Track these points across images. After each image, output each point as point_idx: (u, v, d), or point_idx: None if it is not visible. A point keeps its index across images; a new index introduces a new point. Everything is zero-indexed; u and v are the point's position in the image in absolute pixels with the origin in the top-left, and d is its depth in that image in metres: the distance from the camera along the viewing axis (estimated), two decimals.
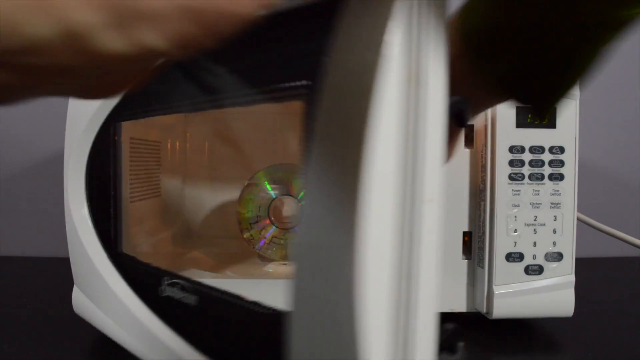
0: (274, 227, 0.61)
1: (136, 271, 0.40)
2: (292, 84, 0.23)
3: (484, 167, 0.47)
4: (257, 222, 0.60)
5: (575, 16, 0.24)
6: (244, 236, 0.60)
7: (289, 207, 0.61)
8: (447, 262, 0.48)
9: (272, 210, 0.61)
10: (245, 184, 0.61)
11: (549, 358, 0.44)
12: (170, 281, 0.35)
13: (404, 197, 0.19)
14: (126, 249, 0.48)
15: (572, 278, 0.46)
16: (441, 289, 0.48)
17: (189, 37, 0.15)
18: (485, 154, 0.46)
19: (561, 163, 0.46)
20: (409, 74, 0.19)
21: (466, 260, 0.48)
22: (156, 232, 0.62)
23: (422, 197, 0.19)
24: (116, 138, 0.42)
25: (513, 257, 0.46)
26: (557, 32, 0.25)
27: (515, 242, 0.46)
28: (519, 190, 0.46)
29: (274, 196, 0.61)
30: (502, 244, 0.46)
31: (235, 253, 0.64)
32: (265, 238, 0.60)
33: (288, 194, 0.61)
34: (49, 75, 0.15)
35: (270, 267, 0.58)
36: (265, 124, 0.73)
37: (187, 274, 0.51)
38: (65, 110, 0.43)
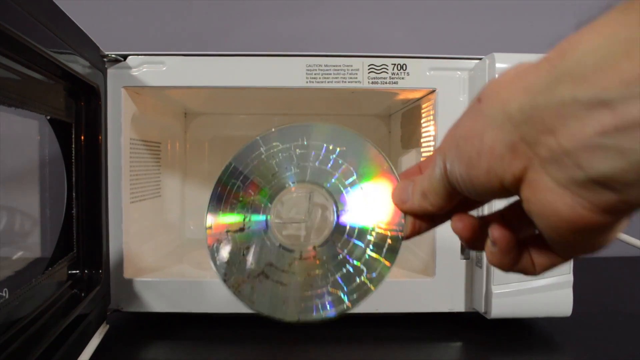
0: None
1: None
2: None
3: None
4: None
5: None
6: None
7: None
8: (446, 262, 0.48)
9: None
10: None
11: (548, 358, 0.44)
12: None
13: None
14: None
15: (570, 278, 0.46)
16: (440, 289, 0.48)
17: None
18: None
19: None
20: None
21: (465, 260, 0.49)
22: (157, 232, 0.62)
23: None
24: None
25: None
26: None
27: None
28: None
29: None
30: None
31: None
32: None
33: None
34: None
35: None
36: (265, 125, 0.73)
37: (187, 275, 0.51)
38: None
